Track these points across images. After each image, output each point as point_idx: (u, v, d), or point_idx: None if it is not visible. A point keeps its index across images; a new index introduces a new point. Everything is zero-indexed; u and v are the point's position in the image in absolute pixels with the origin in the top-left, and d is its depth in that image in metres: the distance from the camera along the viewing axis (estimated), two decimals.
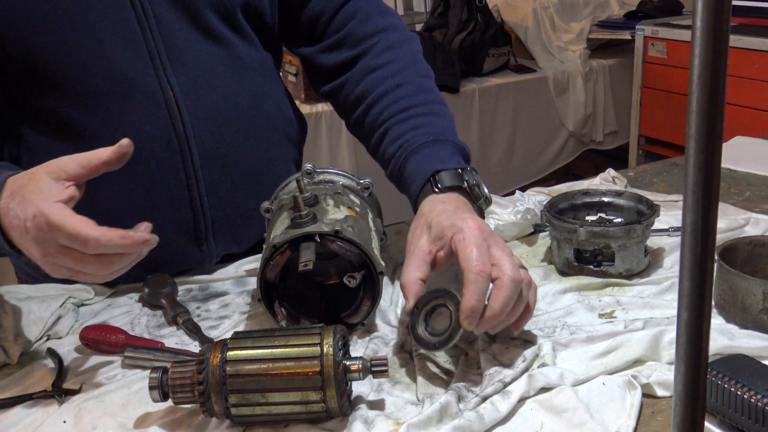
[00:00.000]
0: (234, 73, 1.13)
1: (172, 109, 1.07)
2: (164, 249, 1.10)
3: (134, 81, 1.04)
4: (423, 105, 1.11)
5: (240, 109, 1.13)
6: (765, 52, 3.02)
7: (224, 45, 1.12)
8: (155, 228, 1.09)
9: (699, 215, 0.50)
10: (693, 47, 0.48)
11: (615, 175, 1.39)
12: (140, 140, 1.04)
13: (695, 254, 0.51)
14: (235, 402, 0.75)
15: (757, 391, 0.65)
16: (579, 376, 0.81)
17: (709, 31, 0.48)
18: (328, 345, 0.76)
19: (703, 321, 0.53)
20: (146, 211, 1.08)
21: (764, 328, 0.87)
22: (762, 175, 1.41)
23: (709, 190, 0.50)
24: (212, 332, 0.98)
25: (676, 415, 0.55)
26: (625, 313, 0.94)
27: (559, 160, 3.85)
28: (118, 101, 1.04)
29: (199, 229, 1.13)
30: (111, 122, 1.04)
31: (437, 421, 0.74)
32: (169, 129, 1.07)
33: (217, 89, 1.11)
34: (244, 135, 1.14)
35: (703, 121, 0.50)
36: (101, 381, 0.88)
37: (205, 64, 1.10)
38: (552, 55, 3.86)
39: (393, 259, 1.14)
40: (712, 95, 0.49)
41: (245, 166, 1.15)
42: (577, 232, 1.02)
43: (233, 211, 1.15)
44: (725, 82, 0.49)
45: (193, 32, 1.09)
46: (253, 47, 1.17)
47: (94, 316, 1.04)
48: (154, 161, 1.07)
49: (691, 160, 0.50)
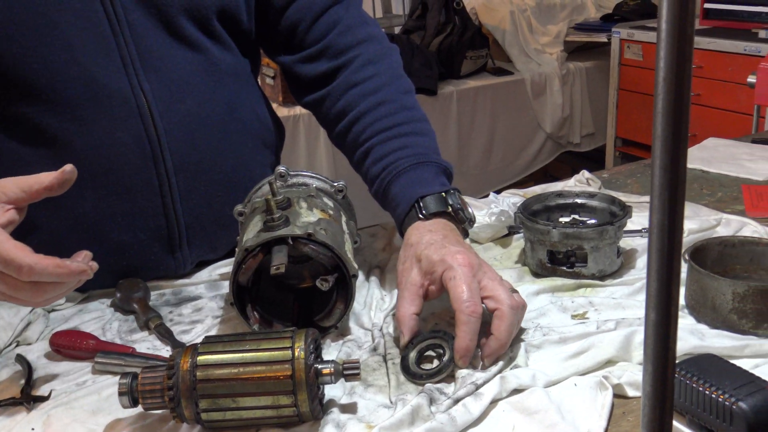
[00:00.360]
0: (209, 79, 1.12)
1: (145, 115, 1.05)
2: (137, 256, 1.10)
3: (106, 87, 1.03)
4: (405, 124, 1.11)
5: (215, 116, 1.12)
6: (738, 55, 3.06)
7: (199, 51, 1.11)
8: (129, 235, 1.09)
9: (665, 216, 0.51)
10: (658, 50, 0.49)
11: (589, 176, 1.39)
12: (113, 147, 1.04)
13: (662, 255, 0.51)
14: (206, 407, 0.75)
15: (725, 390, 0.66)
16: (551, 377, 0.81)
17: (673, 34, 0.48)
18: (300, 348, 0.76)
19: (671, 321, 0.53)
20: (119, 217, 1.07)
21: (734, 327, 0.87)
22: (733, 176, 1.42)
23: (675, 191, 0.50)
24: (185, 337, 0.97)
25: (645, 416, 0.55)
26: (598, 314, 0.94)
27: (536, 162, 3.87)
28: (90, 107, 1.03)
29: (173, 237, 1.11)
30: (82, 129, 1.03)
31: (409, 424, 0.74)
32: (142, 136, 1.05)
33: (191, 95, 1.09)
34: (219, 141, 1.13)
35: (669, 123, 0.50)
36: (71, 387, 0.87)
37: (179, 70, 1.09)
38: (529, 58, 3.88)
39: (367, 262, 1.14)
40: (677, 97, 0.49)
41: (220, 173, 1.14)
42: (550, 233, 1.03)
43: (208, 218, 1.14)
44: (690, 85, 0.49)
45: (166, 38, 1.08)
46: (229, 53, 1.16)
47: (65, 321, 1.03)
48: (127, 168, 1.06)
49: (657, 161, 0.50)
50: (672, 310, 0.53)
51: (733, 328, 0.87)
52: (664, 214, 0.51)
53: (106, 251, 1.06)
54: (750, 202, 1.28)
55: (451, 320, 0.92)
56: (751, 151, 1.56)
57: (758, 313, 0.86)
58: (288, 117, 3.13)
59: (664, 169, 0.50)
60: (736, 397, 0.65)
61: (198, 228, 1.13)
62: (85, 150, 1.04)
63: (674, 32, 0.48)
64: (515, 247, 1.16)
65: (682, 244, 0.52)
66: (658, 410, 0.55)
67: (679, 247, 0.51)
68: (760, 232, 1.13)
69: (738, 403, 0.64)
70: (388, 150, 1.08)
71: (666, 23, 0.48)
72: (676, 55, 0.49)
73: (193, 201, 1.12)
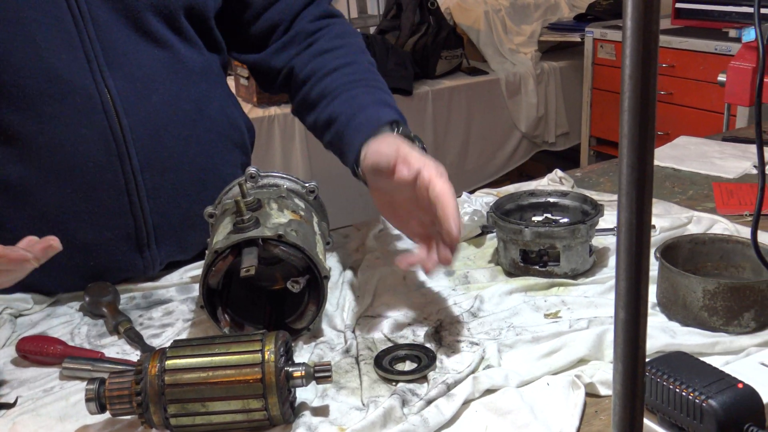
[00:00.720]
0: (176, 76, 1.11)
1: (110, 112, 1.04)
2: (104, 256, 1.09)
3: (70, 83, 1.02)
4: (373, 81, 1.15)
5: (182, 113, 1.11)
6: (709, 54, 3.09)
7: (165, 48, 1.10)
8: (95, 233, 1.07)
9: (633, 214, 0.50)
10: (624, 48, 0.49)
11: (562, 175, 1.40)
12: (76, 144, 1.03)
13: (630, 253, 0.51)
14: (175, 412, 0.74)
15: (695, 388, 0.66)
16: (524, 377, 0.81)
17: (638, 32, 0.48)
18: (270, 351, 0.75)
19: (640, 320, 0.53)
20: (85, 216, 1.06)
21: (705, 325, 0.88)
22: (704, 174, 1.43)
23: (642, 189, 0.50)
24: (155, 341, 0.96)
25: (615, 414, 0.55)
26: (570, 313, 0.95)
27: (512, 162, 3.88)
28: (53, 104, 1.01)
29: (140, 236, 1.10)
30: (45, 125, 1.02)
31: (381, 426, 0.74)
32: (106, 133, 1.04)
33: (157, 92, 1.08)
34: (187, 139, 1.12)
35: (636, 121, 0.50)
36: (38, 394, 0.86)
37: (145, 67, 1.07)
38: (504, 58, 3.89)
39: (340, 263, 1.13)
40: (643, 95, 0.49)
41: (188, 171, 1.12)
42: (523, 232, 1.03)
43: (176, 218, 1.13)
44: (656, 82, 0.49)
45: (132, 35, 1.06)
46: (197, 51, 1.15)
47: (33, 326, 1.01)
48: (91, 165, 1.04)
49: (625, 159, 0.50)
50: (641, 309, 0.53)
51: (703, 325, 0.88)
52: (632, 212, 0.51)
53: (73, 251, 1.04)
54: (721, 200, 1.29)
55: (428, 322, 0.92)
56: (722, 149, 1.57)
57: (728, 311, 0.86)
58: (263, 118, 3.11)
59: (631, 167, 0.50)
60: (706, 395, 0.65)
61: (166, 227, 1.12)
62: (49, 147, 1.02)
63: (639, 30, 0.48)
64: (488, 246, 1.16)
65: (650, 243, 0.52)
66: (628, 409, 0.55)
67: (647, 245, 0.51)
68: (731, 230, 1.14)
69: (708, 400, 0.64)
70: (356, 93, 1.11)
71: (631, 21, 0.48)
72: (642, 52, 0.49)
73: (160, 199, 1.10)
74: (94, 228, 1.07)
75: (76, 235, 1.06)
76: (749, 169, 1.44)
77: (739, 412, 0.64)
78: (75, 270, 1.08)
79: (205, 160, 1.15)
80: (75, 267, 1.07)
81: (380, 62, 3.40)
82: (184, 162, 1.12)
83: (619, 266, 0.51)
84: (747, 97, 1.69)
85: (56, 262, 1.06)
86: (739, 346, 0.84)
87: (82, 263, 1.08)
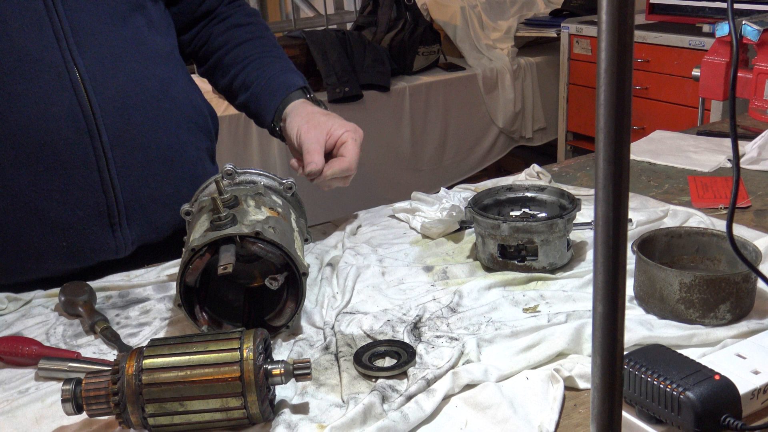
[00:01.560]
0: (141, 57, 1.14)
1: (79, 89, 1.06)
2: (77, 235, 1.10)
3: (39, 61, 1.03)
4: (278, 53, 1.32)
5: (147, 93, 1.14)
6: (684, 49, 3.11)
7: (132, 29, 1.14)
8: (68, 212, 1.09)
9: (610, 208, 0.51)
10: (599, 41, 0.49)
11: (539, 170, 1.40)
12: (46, 121, 1.05)
13: (608, 247, 0.51)
14: (153, 412, 0.73)
15: (673, 380, 0.66)
16: (503, 372, 0.81)
17: (614, 25, 0.48)
18: (248, 349, 0.74)
19: (618, 313, 0.53)
20: (57, 194, 1.07)
21: (681, 317, 0.88)
22: (680, 168, 1.44)
23: (619, 183, 0.50)
24: (132, 340, 0.95)
25: (594, 407, 0.55)
26: (549, 307, 0.95)
27: (490, 157, 3.89)
28: (23, 82, 1.03)
29: (112, 214, 1.12)
30: (15, 103, 1.03)
31: (361, 423, 0.73)
32: (76, 110, 1.06)
33: (123, 71, 1.11)
34: (153, 118, 1.15)
35: (612, 115, 0.50)
36: (13, 395, 0.85)
37: (112, 46, 1.10)
38: (481, 53, 3.90)
39: (318, 260, 1.13)
40: (619, 89, 0.49)
41: (155, 149, 1.15)
42: (501, 227, 1.03)
43: (146, 195, 1.15)
44: (631, 75, 0.49)
45: (101, 15, 1.10)
46: (161, 34, 1.20)
47: (8, 327, 1.00)
48: (62, 142, 1.06)
49: (601, 153, 0.50)
50: (619, 302, 0.53)
51: (680, 317, 0.88)
52: (609, 205, 0.51)
53: (46, 230, 1.07)
54: (696, 193, 1.30)
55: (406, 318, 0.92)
56: (697, 143, 1.58)
57: (704, 303, 0.87)
58: (240, 115, 3.09)
59: (607, 161, 0.51)
60: (683, 387, 0.65)
61: (137, 205, 1.14)
62: (19, 125, 1.04)
63: (614, 24, 0.48)
64: (467, 242, 1.16)
65: (627, 236, 0.52)
66: (607, 402, 0.55)
67: (624, 238, 0.51)
68: (706, 223, 1.15)
69: (685, 392, 0.65)
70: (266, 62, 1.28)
71: (606, 15, 0.48)
72: (617, 47, 0.49)
73: (130, 177, 1.12)
74: (67, 206, 1.09)
75: (48, 214, 1.07)
76: (724, 162, 1.45)
77: (716, 404, 0.65)
78: (49, 251, 1.09)
79: (172, 139, 1.18)
80: (49, 247, 1.09)
81: (357, 58, 3.40)
82: (152, 140, 1.14)
83: (597, 259, 0.52)
84: (721, 91, 1.71)
85: (30, 243, 1.08)
86: (716, 338, 0.85)
87: (56, 243, 1.09)
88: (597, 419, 0.56)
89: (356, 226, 1.25)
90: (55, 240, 1.09)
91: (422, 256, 1.13)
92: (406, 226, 1.25)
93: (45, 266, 1.10)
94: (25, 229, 1.07)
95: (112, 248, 1.13)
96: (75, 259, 1.10)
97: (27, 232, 1.08)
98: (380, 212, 1.32)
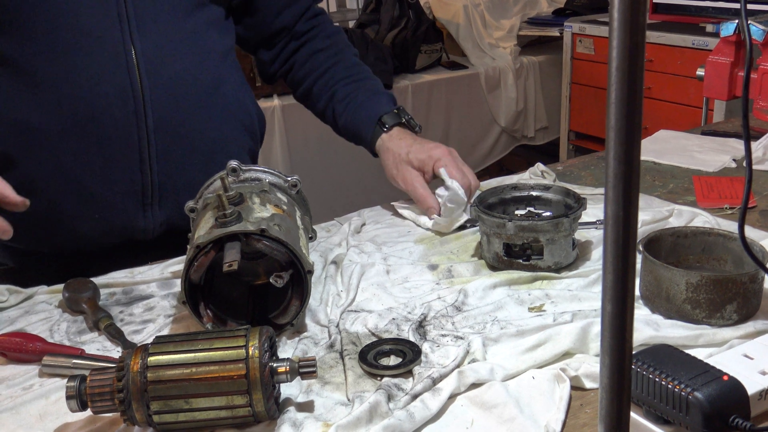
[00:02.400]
0: (197, 50, 1.18)
1: (133, 71, 1.10)
2: (110, 209, 1.15)
3: (99, 39, 1.08)
4: (360, 72, 1.37)
5: (199, 85, 1.17)
6: (687, 48, 3.11)
7: (192, 23, 1.17)
8: (104, 186, 1.14)
9: (620, 207, 0.50)
10: (611, 39, 0.48)
11: (544, 169, 1.40)
12: (97, 97, 1.09)
13: (617, 246, 0.51)
14: (158, 409, 0.73)
15: (681, 380, 0.66)
16: (509, 371, 0.81)
17: (625, 23, 0.47)
18: (254, 347, 0.74)
19: (627, 313, 0.53)
20: (96, 168, 1.12)
21: (688, 317, 0.88)
22: (684, 167, 1.44)
23: (629, 182, 0.50)
24: (136, 337, 0.95)
25: (602, 408, 0.55)
26: (554, 306, 0.95)
27: (491, 156, 3.89)
28: (83, 56, 1.08)
29: (146, 194, 1.15)
30: (70, 75, 1.08)
31: (367, 422, 0.73)
32: (127, 90, 1.10)
33: (178, 61, 1.15)
34: (200, 110, 1.18)
35: (623, 114, 0.50)
36: (17, 392, 0.84)
37: (171, 36, 1.14)
38: (483, 52, 3.89)
39: (323, 258, 1.12)
40: (630, 87, 0.49)
41: (198, 140, 1.18)
42: (506, 226, 1.02)
43: (180, 181, 1.18)
44: (643, 74, 0.49)
45: (165, 4, 1.14)
46: (219, 33, 1.23)
47: (11, 323, 1.00)
48: (109, 119, 1.10)
49: (611, 152, 0.50)
50: (628, 302, 0.53)
51: (686, 318, 0.88)
52: (619, 205, 0.51)
53: (81, 200, 1.12)
54: (701, 193, 1.29)
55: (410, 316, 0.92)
56: (701, 143, 1.58)
57: (711, 303, 0.87)
58: None
59: (618, 160, 0.50)
60: (691, 387, 0.65)
61: (171, 190, 1.17)
62: (71, 97, 1.08)
63: (626, 22, 0.48)
64: (472, 240, 1.16)
65: (637, 236, 0.52)
66: (615, 402, 0.55)
67: (634, 238, 0.51)
68: (712, 223, 1.15)
69: (694, 393, 0.65)
70: (350, 90, 1.33)
71: (618, 12, 0.48)
72: (629, 44, 0.49)
73: (169, 162, 1.16)
74: (104, 180, 1.13)
75: (86, 184, 1.12)
76: (729, 162, 1.45)
77: (725, 405, 0.64)
78: (81, 218, 1.14)
79: (215, 133, 1.21)
80: (81, 215, 1.14)
81: (360, 57, 3.40)
82: (196, 130, 1.18)
83: (606, 259, 0.51)
84: (725, 91, 1.70)
85: (65, 211, 1.14)
86: (722, 339, 0.85)
87: (88, 213, 1.14)
88: (605, 419, 0.55)
89: (360, 224, 1.24)
90: (89, 210, 1.13)
91: (427, 254, 1.13)
92: (411, 224, 1.24)
93: (77, 235, 1.15)
94: (63, 196, 1.12)
95: (140, 227, 1.17)
96: (106, 232, 1.15)
97: (63, 199, 1.13)
98: (384, 210, 1.32)
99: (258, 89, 3.19)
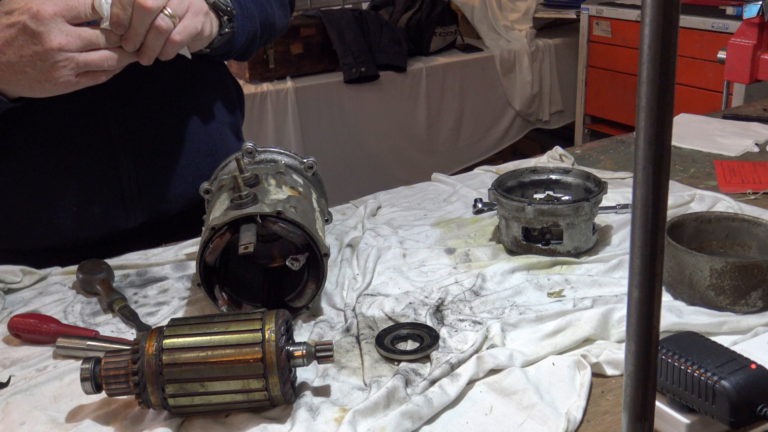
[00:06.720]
0: None
1: None
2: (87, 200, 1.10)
3: None
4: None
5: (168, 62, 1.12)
6: (707, 32, 3.06)
7: None
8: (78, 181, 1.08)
9: (650, 190, 0.49)
10: (643, 15, 0.47)
11: (562, 152, 1.38)
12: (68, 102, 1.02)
13: (646, 231, 0.49)
14: (173, 392, 0.72)
15: (707, 368, 0.64)
16: (528, 357, 0.80)
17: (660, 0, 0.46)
18: (270, 330, 0.73)
19: (654, 299, 0.52)
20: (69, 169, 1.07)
21: (711, 304, 0.86)
22: (706, 152, 1.42)
23: (660, 164, 0.48)
24: (150, 319, 0.94)
25: (627, 395, 0.53)
26: (574, 292, 0.93)
27: (506, 140, 3.86)
28: None
29: (123, 184, 1.12)
30: None
31: (384, 407, 0.72)
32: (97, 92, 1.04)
33: None
34: (180, 86, 1.14)
35: (654, 93, 0.48)
36: (31, 373, 0.84)
37: None
38: (498, 35, 3.85)
39: (339, 241, 1.11)
40: (663, 65, 0.47)
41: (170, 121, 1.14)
42: (525, 210, 1.01)
43: (158, 167, 1.14)
44: (676, 52, 0.47)
45: None
46: None
47: (25, 304, 0.99)
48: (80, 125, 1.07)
49: (642, 133, 0.48)
50: (656, 288, 0.52)
51: (710, 304, 0.86)
52: (649, 188, 0.49)
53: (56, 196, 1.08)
54: (723, 178, 1.27)
55: (425, 302, 0.91)
56: (723, 126, 1.55)
57: (735, 290, 0.85)
58: (255, 94, 3.07)
59: (648, 141, 0.48)
60: (718, 376, 0.63)
61: (148, 176, 1.14)
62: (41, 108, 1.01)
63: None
64: (489, 224, 1.14)
65: (666, 220, 0.50)
66: (641, 390, 0.54)
67: (663, 222, 0.49)
68: (734, 208, 1.13)
69: (721, 381, 0.63)
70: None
71: None
72: (663, 20, 0.47)
73: (141, 151, 1.12)
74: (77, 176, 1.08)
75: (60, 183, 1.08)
76: (751, 147, 1.42)
77: (753, 393, 0.63)
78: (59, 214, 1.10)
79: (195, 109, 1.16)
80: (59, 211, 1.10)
81: (374, 38, 3.37)
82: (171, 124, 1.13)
83: (634, 243, 0.50)
84: (747, 74, 1.67)
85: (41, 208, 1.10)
86: (747, 326, 0.83)
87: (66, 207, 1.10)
88: (629, 407, 0.54)
89: (376, 207, 1.23)
90: (65, 204, 1.09)
91: (443, 238, 1.11)
92: (427, 208, 1.23)
93: (56, 231, 1.11)
94: (37, 194, 1.08)
95: (122, 216, 1.13)
96: (85, 225, 1.11)
97: (38, 197, 1.09)
98: (400, 193, 1.30)
99: (270, 71, 3.18)
